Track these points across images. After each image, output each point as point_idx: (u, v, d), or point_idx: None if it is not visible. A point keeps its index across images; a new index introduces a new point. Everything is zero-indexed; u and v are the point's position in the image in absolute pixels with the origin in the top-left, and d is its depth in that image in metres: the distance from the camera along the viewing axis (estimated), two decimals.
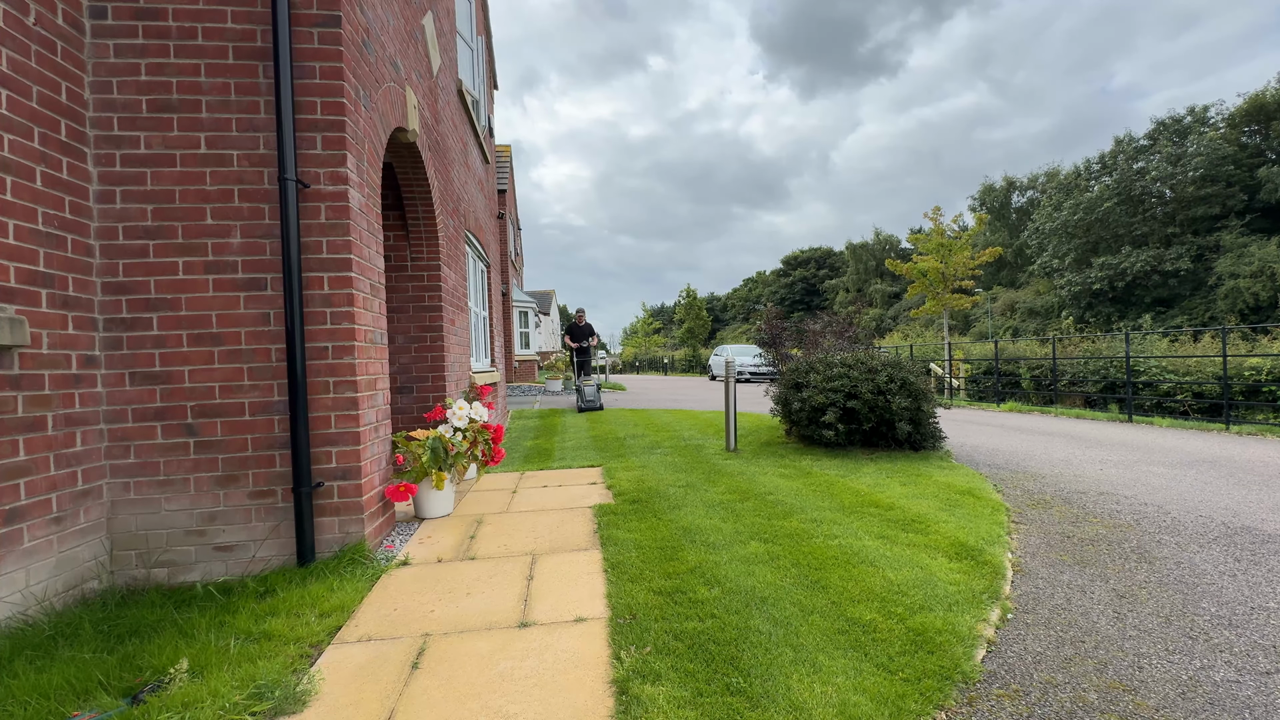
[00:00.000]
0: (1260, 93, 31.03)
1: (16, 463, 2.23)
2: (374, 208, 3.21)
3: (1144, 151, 33.61)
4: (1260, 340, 15.29)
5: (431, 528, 3.44)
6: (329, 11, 2.79)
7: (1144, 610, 2.39)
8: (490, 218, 8.82)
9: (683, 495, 4.05)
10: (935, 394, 6.96)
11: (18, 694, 1.75)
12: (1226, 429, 7.57)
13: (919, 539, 3.09)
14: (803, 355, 6.80)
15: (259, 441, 2.76)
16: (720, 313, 75.75)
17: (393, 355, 4.66)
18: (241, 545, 2.74)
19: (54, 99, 2.46)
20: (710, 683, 1.80)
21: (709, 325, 49.04)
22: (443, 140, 5.08)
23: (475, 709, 1.71)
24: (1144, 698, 1.80)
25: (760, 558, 2.84)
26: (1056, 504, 3.99)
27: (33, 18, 2.36)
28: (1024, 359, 14.73)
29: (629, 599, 2.39)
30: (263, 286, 2.76)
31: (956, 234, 15.76)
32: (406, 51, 3.98)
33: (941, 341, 18.27)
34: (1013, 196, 45.83)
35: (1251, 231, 29.18)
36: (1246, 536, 3.27)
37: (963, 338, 34.32)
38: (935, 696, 1.76)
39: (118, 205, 2.67)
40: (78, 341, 2.54)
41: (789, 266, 68.69)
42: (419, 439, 3.48)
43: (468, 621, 2.25)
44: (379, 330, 3.20)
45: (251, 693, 1.74)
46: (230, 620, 2.24)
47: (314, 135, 2.78)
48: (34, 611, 2.25)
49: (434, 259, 4.72)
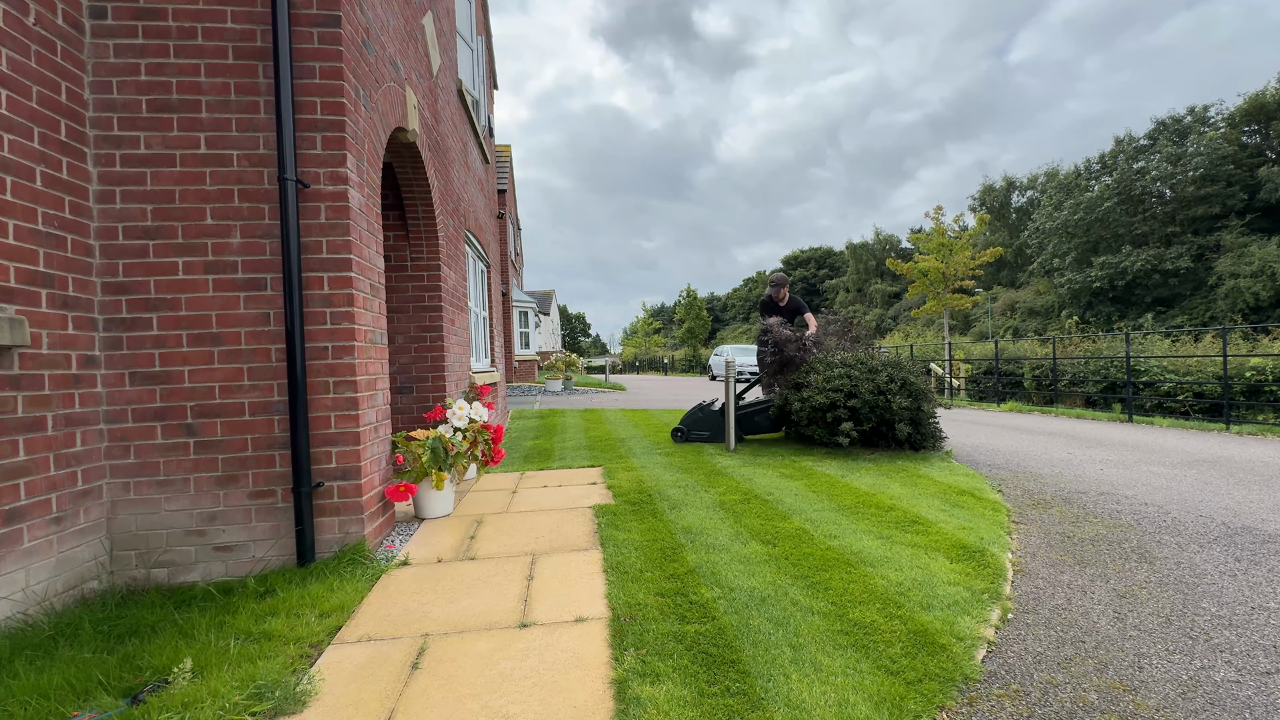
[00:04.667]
0: (1260, 92, 31.01)
1: (16, 463, 2.23)
2: (374, 208, 3.21)
3: (1144, 151, 33.60)
4: (1261, 340, 15.28)
5: (431, 528, 3.44)
6: (329, 11, 2.79)
7: (1144, 610, 2.39)
8: (490, 218, 8.82)
9: (683, 495, 4.05)
10: (935, 394, 6.95)
11: (18, 694, 1.75)
12: (1227, 429, 7.57)
13: (919, 539, 3.09)
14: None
15: (259, 441, 2.76)
16: (720, 313, 75.76)
17: (393, 355, 4.65)
18: (241, 545, 2.74)
19: (54, 99, 2.46)
20: (711, 683, 1.80)
21: (709, 325, 49.03)
22: (443, 140, 5.08)
23: (475, 709, 1.71)
24: (1144, 698, 1.80)
25: (760, 558, 2.84)
26: (1057, 504, 3.99)
27: (32, 18, 2.36)
28: (1024, 359, 14.73)
29: (629, 599, 2.39)
30: (263, 286, 2.76)
31: (957, 234, 15.76)
32: (406, 51, 3.98)
33: (942, 341, 18.26)
34: (1013, 196, 45.81)
35: (1252, 231, 29.16)
36: (1247, 536, 3.26)
37: (963, 338, 34.31)
38: (936, 697, 1.76)
39: (118, 205, 2.67)
40: (78, 341, 2.54)
41: (789, 266, 68.67)
42: (419, 439, 3.48)
43: (468, 621, 2.25)
44: (379, 330, 3.20)
45: (251, 693, 1.74)
46: (230, 620, 2.24)
47: (314, 135, 2.78)
48: (34, 611, 2.25)
49: (434, 259, 4.72)
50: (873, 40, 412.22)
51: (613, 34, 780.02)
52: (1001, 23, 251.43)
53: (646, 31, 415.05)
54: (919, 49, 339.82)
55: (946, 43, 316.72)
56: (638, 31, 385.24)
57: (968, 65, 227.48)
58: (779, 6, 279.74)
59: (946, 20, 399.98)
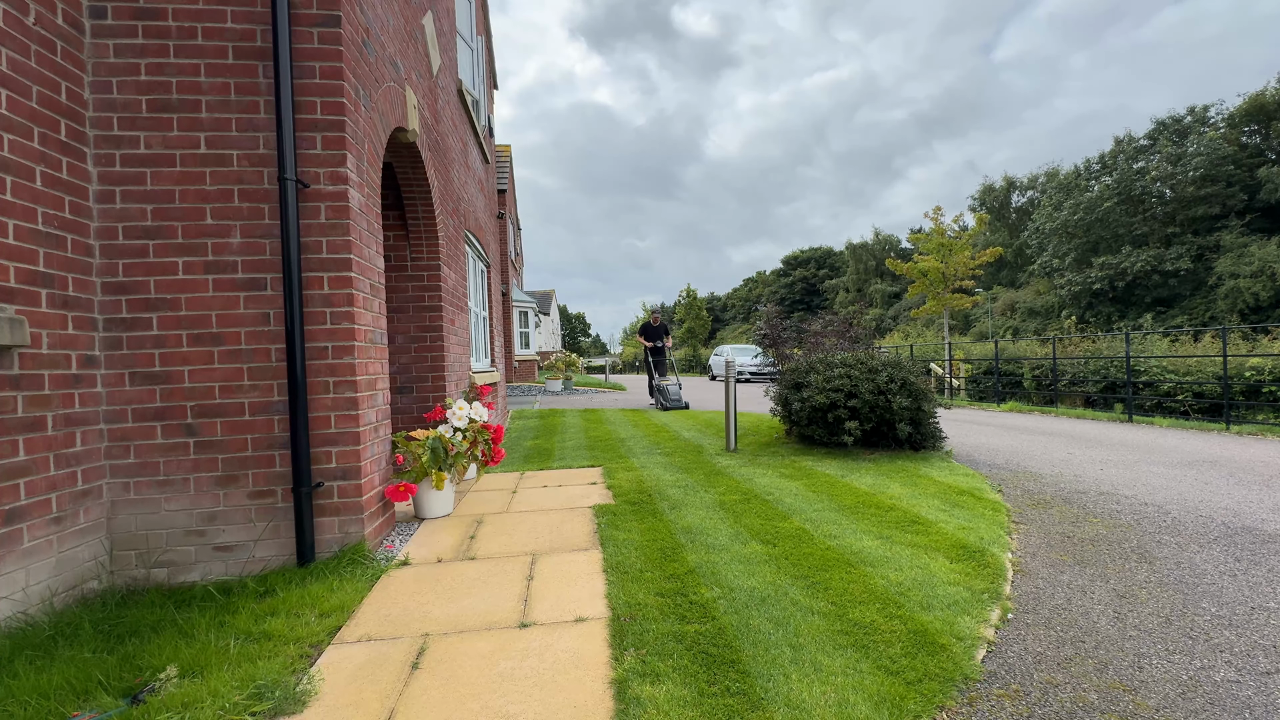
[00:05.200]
0: (1260, 93, 31.01)
1: (16, 463, 2.23)
2: (374, 207, 3.21)
3: (1144, 151, 33.61)
4: (1261, 340, 15.29)
5: (431, 528, 3.44)
6: (329, 11, 2.79)
7: (1144, 610, 2.39)
8: (490, 217, 8.82)
9: (683, 495, 4.05)
10: (935, 394, 6.96)
11: (18, 694, 1.75)
12: (1227, 429, 7.57)
13: (919, 539, 3.09)
14: (803, 355, 6.80)
15: (259, 441, 2.76)
16: (720, 312, 75.75)
17: (393, 355, 4.65)
18: (241, 545, 2.74)
19: (54, 99, 2.46)
20: (711, 683, 1.80)
21: (709, 325, 49.04)
22: (443, 140, 5.08)
23: (475, 709, 1.71)
24: (1144, 698, 1.80)
25: (760, 558, 2.84)
26: (1057, 504, 3.99)
27: (32, 18, 2.36)
28: (1024, 359, 14.74)
29: (629, 599, 2.39)
30: (262, 286, 2.76)
31: (957, 234, 15.76)
32: (406, 51, 3.98)
33: (942, 341, 18.26)
34: (1013, 196, 45.82)
35: (1251, 231, 29.15)
36: (1247, 536, 3.26)
37: (963, 338, 34.31)
38: (936, 697, 1.76)
39: (117, 205, 2.67)
40: (77, 341, 2.54)
41: (789, 266, 68.70)
42: (419, 439, 3.48)
43: (468, 621, 2.25)
44: (379, 330, 3.20)
45: (251, 693, 1.74)
46: (230, 620, 2.24)
47: (314, 135, 2.78)
48: (34, 611, 2.25)
49: (434, 259, 4.72)
50: (855, 35, 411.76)
51: (593, 33, 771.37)
52: (987, 19, 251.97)
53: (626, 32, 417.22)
54: (905, 45, 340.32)
55: (932, 39, 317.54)
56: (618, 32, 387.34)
57: (955, 63, 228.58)
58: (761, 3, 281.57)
59: (930, 15, 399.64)
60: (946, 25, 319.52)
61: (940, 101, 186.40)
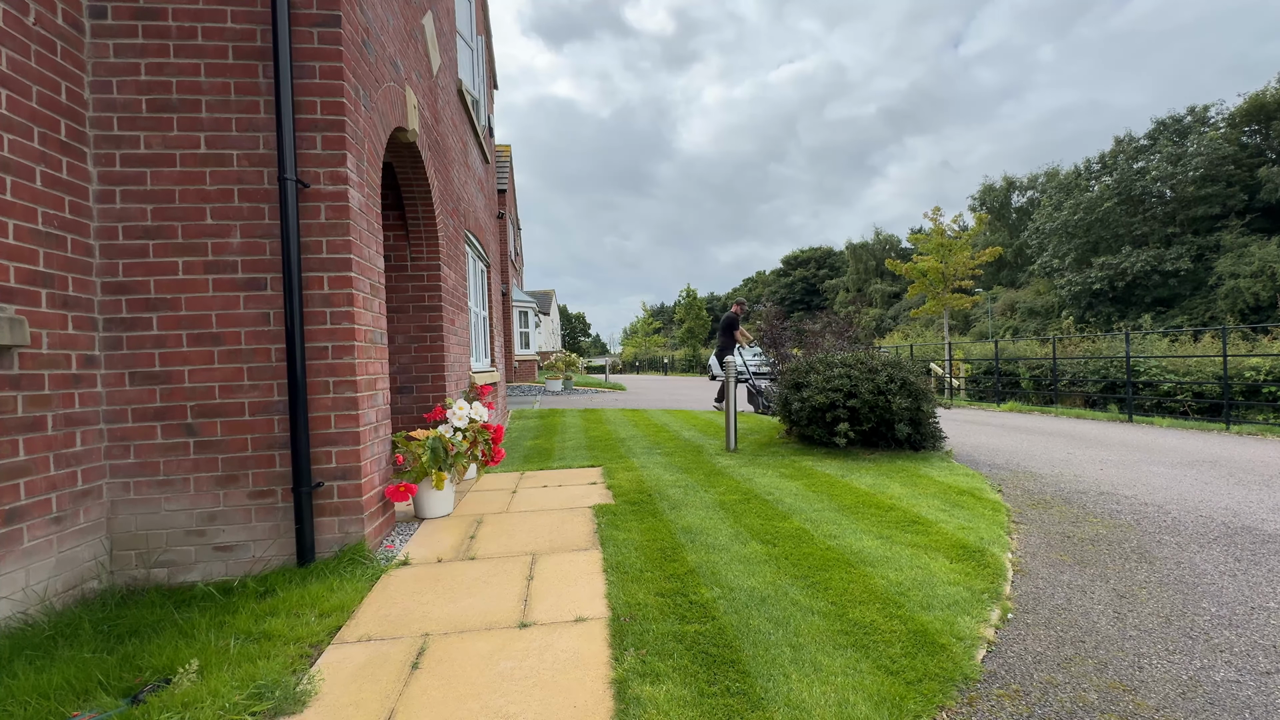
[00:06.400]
0: (1260, 93, 31.04)
1: (16, 463, 2.23)
2: (374, 207, 3.21)
3: (1144, 151, 33.63)
4: (1260, 340, 15.29)
5: (431, 528, 3.44)
6: (329, 11, 2.79)
7: (1144, 610, 2.39)
8: (490, 217, 8.82)
9: (683, 495, 4.05)
10: (935, 394, 6.96)
11: (18, 694, 1.75)
12: (1226, 429, 7.57)
13: (919, 539, 3.09)
14: (803, 355, 6.80)
15: (259, 441, 2.76)
16: (720, 312, 75.73)
17: (393, 355, 4.65)
18: (241, 545, 2.74)
19: (54, 99, 2.46)
20: (711, 683, 1.80)
21: (709, 325, 49.01)
22: (443, 140, 5.08)
23: (475, 709, 1.71)
24: (1144, 698, 1.80)
25: (760, 558, 2.84)
26: (1057, 504, 3.99)
27: (32, 18, 2.36)
28: (1024, 359, 14.74)
29: (629, 599, 2.39)
30: (262, 286, 2.76)
31: (957, 234, 15.76)
32: (406, 51, 3.98)
33: (941, 341, 18.26)
34: (1013, 196, 45.83)
35: (1251, 231, 29.18)
36: (1246, 536, 3.27)
37: (963, 338, 34.31)
38: (936, 697, 1.76)
39: (117, 205, 2.67)
40: (77, 341, 2.54)
41: (789, 266, 68.78)
42: (419, 439, 3.48)
43: (468, 621, 2.25)
44: (379, 330, 3.20)
45: (251, 693, 1.74)
46: (230, 620, 2.24)
47: (314, 135, 2.78)
48: (34, 611, 2.25)
49: (434, 259, 4.71)
50: (816, 25, 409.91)
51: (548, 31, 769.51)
52: (953, 8, 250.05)
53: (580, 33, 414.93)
54: (871, 36, 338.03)
55: (900, 30, 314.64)
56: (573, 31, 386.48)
57: (923, 57, 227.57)
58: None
59: (893, 4, 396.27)
60: (913, 15, 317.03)
61: (908, 96, 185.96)
